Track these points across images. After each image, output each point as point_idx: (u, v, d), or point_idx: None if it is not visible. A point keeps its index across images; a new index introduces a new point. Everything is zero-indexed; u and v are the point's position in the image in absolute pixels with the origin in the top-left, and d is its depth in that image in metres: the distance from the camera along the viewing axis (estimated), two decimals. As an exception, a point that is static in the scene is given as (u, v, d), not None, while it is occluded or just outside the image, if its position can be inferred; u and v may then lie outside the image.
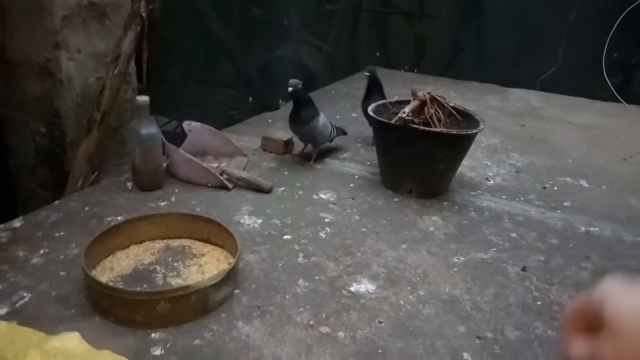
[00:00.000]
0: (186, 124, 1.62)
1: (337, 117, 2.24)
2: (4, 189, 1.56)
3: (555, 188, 1.65)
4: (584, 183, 1.70)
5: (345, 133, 1.81)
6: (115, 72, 1.40)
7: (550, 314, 1.04)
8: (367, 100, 1.77)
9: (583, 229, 1.39)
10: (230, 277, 0.99)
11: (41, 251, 1.11)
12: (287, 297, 1.02)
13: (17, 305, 0.94)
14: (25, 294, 0.97)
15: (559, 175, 1.75)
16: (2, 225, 1.18)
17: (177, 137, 1.63)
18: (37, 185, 1.50)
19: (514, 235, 1.33)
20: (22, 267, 1.05)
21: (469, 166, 1.74)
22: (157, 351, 0.86)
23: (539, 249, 1.28)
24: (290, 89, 1.50)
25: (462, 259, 1.21)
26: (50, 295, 0.97)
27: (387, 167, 1.57)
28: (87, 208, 1.30)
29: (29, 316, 0.91)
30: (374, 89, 1.79)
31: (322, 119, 1.60)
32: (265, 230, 1.27)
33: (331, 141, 1.71)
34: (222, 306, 0.98)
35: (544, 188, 1.64)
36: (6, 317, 0.90)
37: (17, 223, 1.20)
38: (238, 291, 1.03)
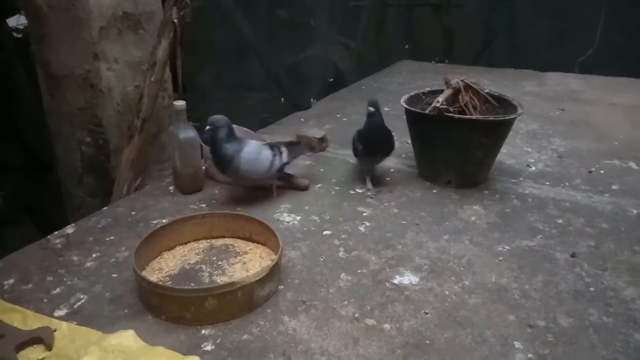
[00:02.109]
0: (222, 127, 1.65)
1: (370, 112, 2.22)
2: (55, 198, 1.64)
3: (602, 171, 1.59)
4: (633, 165, 1.63)
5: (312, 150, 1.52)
6: (152, 79, 1.45)
7: (604, 299, 1.00)
8: (367, 136, 1.43)
9: (635, 211, 1.33)
10: (274, 273, 1.00)
11: (94, 255, 1.15)
12: (330, 291, 1.03)
13: (75, 306, 0.98)
14: (81, 296, 1.01)
15: (605, 158, 1.68)
16: (56, 233, 1.24)
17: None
18: (85, 193, 1.57)
19: (560, 221, 1.29)
20: (78, 271, 1.09)
21: (508, 154, 1.70)
22: (208, 347, 0.88)
23: (588, 234, 1.23)
24: (207, 127, 1.27)
25: (507, 247, 1.18)
26: (105, 296, 1.01)
27: (423, 159, 1.55)
28: (133, 213, 1.34)
29: (86, 316, 0.95)
30: (375, 123, 1.41)
31: (248, 154, 1.29)
32: (305, 226, 1.28)
33: (280, 171, 1.37)
34: (267, 302, 0.99)
35: (590, 172, 1.58)
36: (66, 318, 0.94)
37: (70, 230, 1.26)
38: (282, 287, 1.04)
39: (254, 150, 1.32)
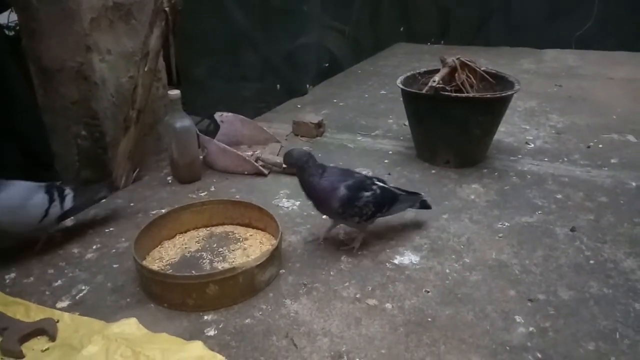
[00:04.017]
0: (218, 115, 1.65)
1: (366, 95, 2.22)
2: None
3: (600, 146, 1.58)
4: (631, 138, 1.62)
5: (111, 192, 1.23)
6: (146, 69, 1.43)
7: (604, 271, 1.00)
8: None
9: (634, 184, 1.33)
10: (274, 257, 1.00)
11: (94, 247, 1.16)
12: (331, 273, 1.03)
13: (77, 297, 0.98)
14: (83, 287, 1.01)
15: (603, 132, 1.68)
16: (56, 226, 1.24)
17: (210, 135, 1.65)
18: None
19: (559, 196, 1.29)
20: (78, 263, 1.10)
21: (506, 132, 1.69)
22: (211, 332, 0.89)
23: (587, 209, 1.23)
24: None
25: (506, 224, 1.18)
26: (106, 286, 1.02)
27: (421, 140, 1.55)
28: (132, 204, 1.34)
29: (88, 307, 0.95)
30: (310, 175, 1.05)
31: (6, 201, 1.01)
32: (304, 211, 1.27)
33: (61, 219, 1.12)
34: (269, 286, 0.99)
35: (588, 147, 1.58)
36: (68, 309, 0.95)
37: (69, 223, 1.26)
38: (283, 271, 1.04)
39: (17, 196, 1.02)
